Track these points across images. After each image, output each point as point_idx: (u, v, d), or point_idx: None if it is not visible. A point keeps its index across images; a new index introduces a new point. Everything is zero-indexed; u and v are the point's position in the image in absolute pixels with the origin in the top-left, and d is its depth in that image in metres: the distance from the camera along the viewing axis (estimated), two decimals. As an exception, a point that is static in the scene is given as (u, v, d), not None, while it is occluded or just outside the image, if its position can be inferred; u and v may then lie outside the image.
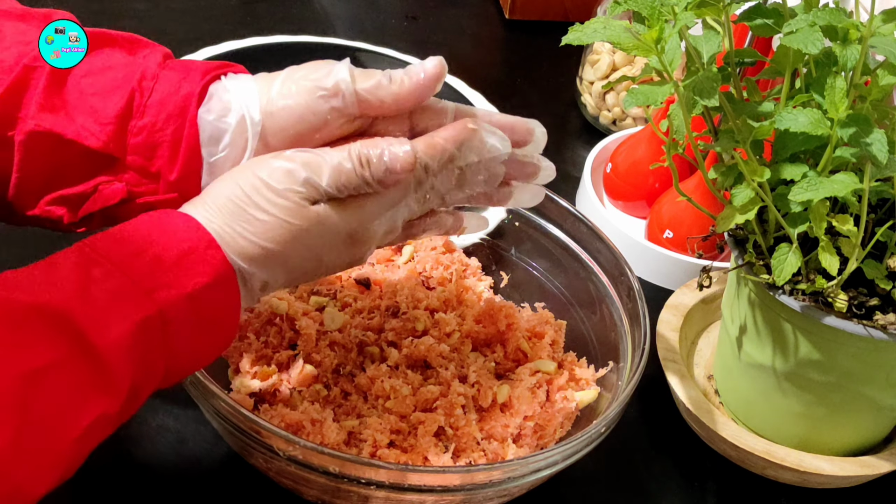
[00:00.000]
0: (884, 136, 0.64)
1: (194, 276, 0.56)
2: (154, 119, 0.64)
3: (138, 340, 0.53)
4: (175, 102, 0.64)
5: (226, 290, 0.58)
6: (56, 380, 0.50)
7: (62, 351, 0.51)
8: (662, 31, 0.64)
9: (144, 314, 0.54)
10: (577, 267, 0.83)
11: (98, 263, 0.54)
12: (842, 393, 0.74)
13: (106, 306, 0.53)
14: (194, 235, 0.57)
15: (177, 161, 0.64)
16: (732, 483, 0.81)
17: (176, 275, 0.55)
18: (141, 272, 0.55)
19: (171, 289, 0.55)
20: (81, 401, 0.51)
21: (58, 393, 0.50)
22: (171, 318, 0.55)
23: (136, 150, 0.64)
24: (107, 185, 0.65)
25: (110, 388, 0.52)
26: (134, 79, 0.64)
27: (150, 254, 0.55)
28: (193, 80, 0.65)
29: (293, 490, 0.71)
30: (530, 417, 0.76)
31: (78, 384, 0.51)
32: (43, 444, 0.50)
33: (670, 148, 0.72)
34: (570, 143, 1.16)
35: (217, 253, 0.57)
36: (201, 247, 0.57)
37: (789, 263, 0.68)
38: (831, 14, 0.67)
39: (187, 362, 0.58)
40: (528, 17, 1.31)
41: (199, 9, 1.26)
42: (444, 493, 0.65)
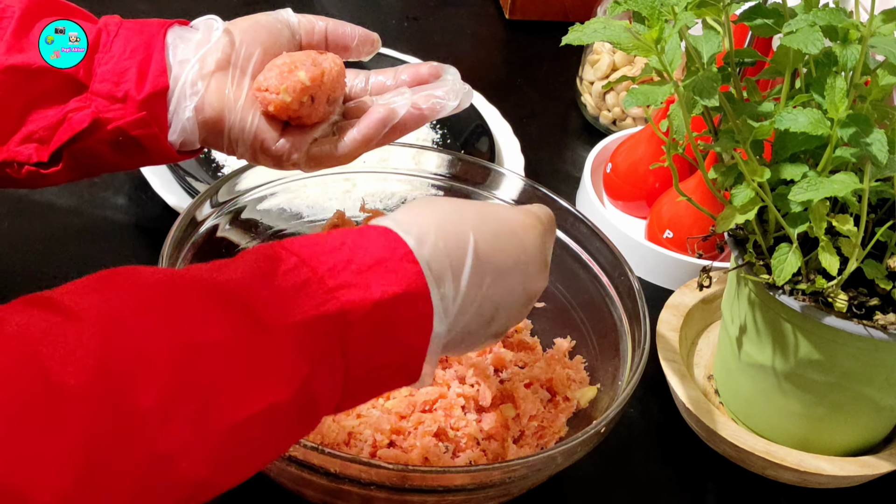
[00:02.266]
0: (884, 136, 0.64)
1: (384, 283, 0.53)
2: (121, 51, 0.69)
3: (315, 335, 0.50)
4: (140, 40, 0.69)
5: (416, 304, 0.55)
6: (222, 354, 0.47)
7: (234, 328, 0.48)
8: (662, 31, 0.64)
9: (325, 309, 0.51)
10: (577, 267, 0.83)
11: (287, 258, 0.52)
12: (842, 393, 0.74)
13: (287, 294, 0.50)
14: (391, 244, 0.55)
15: (144, 82, 0.68)
16: (732, 483, 0.81)
17: (365, 278, 0.53)
18: (328, 270, 0.52)
19: (357, 291, 0.52)
20: (249, 380, 0.48)
21: (222, 368, 0.47)
22: (353, 321, 0.52)
23: (104, 77, 0.68)
24: (75, 112, 0.68)
25: (282, 372, 0.49)
26: (98, 24, 0.70)
27: (341, 256, 0.53)
28: (155, 26, 0.71)
29: (295, 491, 0.71)
30: (534, 417, 0.76)
31: (246, 362, 0.48)
32: (197, 416, 0.45)
33: (670, 148, 0.72)
34: (570, 143, 1.16)
35: (412, 266, 0.54)
36: (396, 256, 0.54)
37: (789, 263, 0.68)
38: (831, 14, 0.67)
39: (369, 376, 0.54)
40: (528, 17, 1.31)
41: (200, 9, 1.25)
42: (444, 494, 0.65)
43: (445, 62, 0.73)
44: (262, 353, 0.49)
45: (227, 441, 0.47)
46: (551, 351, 0.82)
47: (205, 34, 0.71)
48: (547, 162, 1.11)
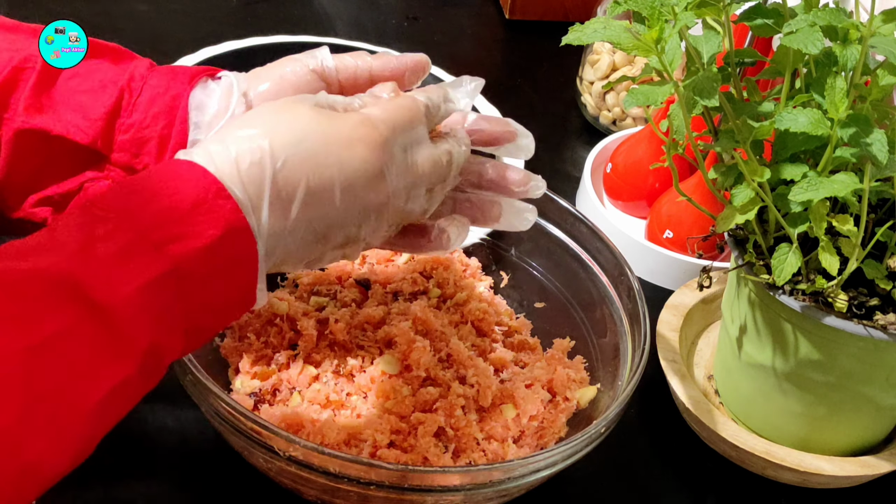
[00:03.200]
0: (884, 136, 0.64)
1: (206, 227, 0.53)
2: (142, 117, 0.64)
3: (152, 298, 0.50)
4: (164, 101, 0.65)
5: (241, 240, 0.55)
6: (64, 348, 0.47)
7: (68, 317, 0.48)
8: (662, 31, 0.64)
9: (158, 270, 0.50)
10: (577, 267, 0.83)
11: (103, 219, 0.51)
12: (842, 393, 0.74)
13: (113, 264, 0.50)
14: (201, 182, 0.54)
15: (164, 157, 0.64)
16: (732, 483, 0.81)
17: (188, 226, 0.52)
18: (150, 224, 0.51)
19: (184, 241, 0.52)
20: (94, 367, 0.48)
21: (67, 361, 0.47)
22: (187, 273, 0.52)
23: (123, 147, 0.64)
24: (92, 182, 0.65)
25: (125, 350, 0.49)
26: (123, 79, 0.65)
27: (158, 205, 0.52)
28: (181, 82, 0.65)
29: (293, 490, 0.71)
30: (534, 417, 0.76)
31: (88, 350, 0.48)
32: (55, 417, 0.46)
33: (670, 148, 0.72)
34: (570, 143, 1.16)
35: (227, 202, 0.54)
36: (210, 195, 0.54)
37: (789, 263, 0.68)
38: (831, 14, 0.67)
39: (209, 320, 0.55)
40: (528, 17, 1.32)
41: (200, 9, 1.27)
42: (444, 494, 0.65)
43: (445, 62, 0.73)
44: (102, 334, 0.49)
45: (85, 427, 0.48)
46: (551, 351, 0.82)
47: (223, 101, 0.66)
48: (547, 162, 1.11)
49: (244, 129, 0.57)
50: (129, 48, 0.69)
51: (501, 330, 0.84)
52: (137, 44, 1.16)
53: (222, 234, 0.53)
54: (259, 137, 0.56)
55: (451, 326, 0.81)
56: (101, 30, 1.17)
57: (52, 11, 1.18)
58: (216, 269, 0.53)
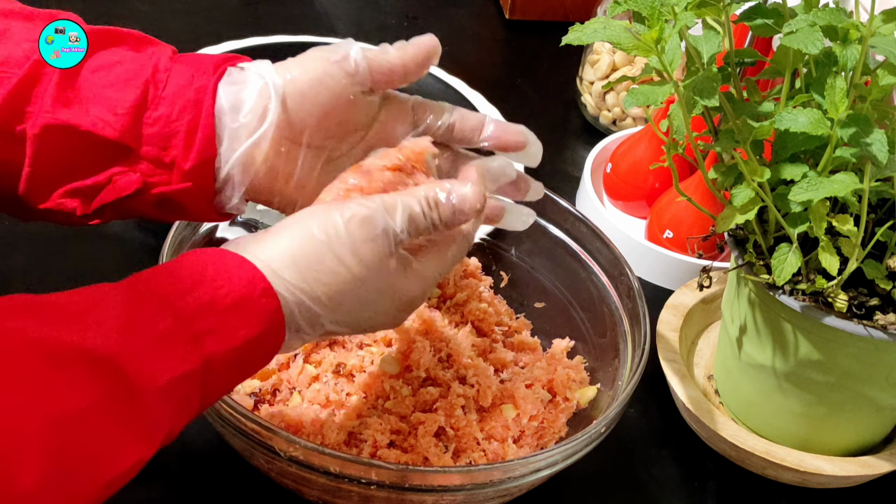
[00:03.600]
0: (884, 136, 0.64)
1: (244, 326, 0.54)
2: (169, 110, 0.64)
3: (180, 389, 0.52)
4: (189, 94, 0.64)
5: (273, 339, 0.57)
6: (94, 423, 0.48)
7: (101, 395, 0.49)
8: (662, 31, 0.64)
9: (190, 366, 0.52)
10: (577, 267, 0.83)
11: (147, 300, 0.52)
12: (842, 393, 0.74)
13: (153, 350, 0.51)
14: (249, 281, 0.55)
15: (191, 150, 0.64)
16: (732, 483, 0.81)
17: (227, 320, 0.54)
18: (191, 314, 0.53)
19: (219, 337, 0.53)
20: (118, 446, 0.50)
21: (94, 437, 0.48)
22: (214, 368, 0.54)
23: (151, 141, 0.64)
24: (121, 175, 0.65)
25: (148, 435, 0.51)
26: (147, 71, 0.65)
27: (202, 295, 0.54)
28: (206, 72, 0.65)
29: (294, 490, 0.71)
30: (534, 417, 0.76)
31: (116, 428, 0.49)
32: (72, 486, 0.48)
33: (670, 148, 0.72)
34: (570, 143, 1.16)
35: (271, 302, 0.56)
36: (255, 294, 0.55)
37: (789, 263, 0.68)
38: (831, 14, 0.67)
39: (220, 397, 0.58)
40: (528, 17, 1.32)
41: (201, 9, 1.27)
42: (444, 493, 0.65)
43: (445, 62, 0.73)
44: (130, 416, 0.50)
45: (95, 497, 0.49)
46: (551, 351, 0.82)
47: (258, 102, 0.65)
48: (547, 162, 1.10)
49: (311, 273, 0.58)
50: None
51: (501, 330, 0.84)
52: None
53: (259, 334, 0.55)
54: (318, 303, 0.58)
55: (451, 326, 0.81)
56: (101, 30, 1.17)
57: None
58: (243, 363, 0.56)
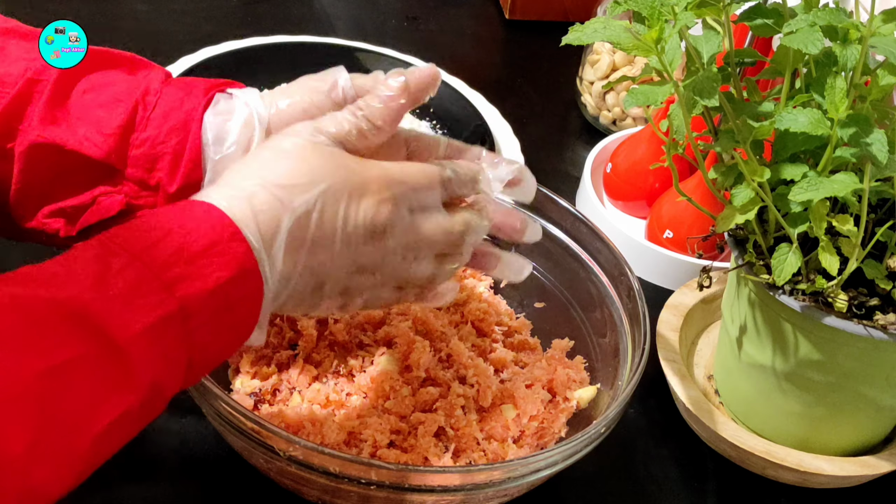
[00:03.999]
0: (884, 136, 0.64)
1: (217, 269, 0.54)
2: (156, 132, 0.64)
3: (159, 336, 0.52)
4: (178, 117, 0.65)
5: (249, 282, 0.56)
6: (76, 376, 0.49)
7: (82, 347, 0.49)
8: (662, 31, 0.64)
9: (165, 310, 0.52)
10: (577, 267, 0.83)
11: (117, 254, 0.52)
12: (842, 393, 0.74)
13: (126, 300, 0.51)
14: (217, 224, 0.55)
15: (177, 173, 0.64)
16: (732, 483, 0.81)
17: (198, 267, 0.54)
18: (162, 264, 0.53)
19: (193, 282, 0.53)
20: (102, 397, 0.50)
21: (78, 389, 0.49)
22: (193, 312, 0.53)
23: (137, 162, 0.64)
24: (105, 196, 0.65)
25: (131, 383, 0.51)
26: (137, 93, 0.65)
27: (171, 244, 0.54)
28: (196, 96, 0.65)
29: (294, 490, 0.71)
30: (534, 417, 0.76)
31: (98, 380, 0.50)
32: (62, 443, 0.48)
33: (670, 148, 0.72)
34: (570, 143, 1.16)
35: (241, 245, 0.56)
36: (224, 238, 0.55)
37: (789, 263, 0.68)
38: (831, 14, 0.67)
39: (210, 355, 0.57)
40: (528, 17, 1.31)
41: (200, 9, 1.26)
42: (444, 493, 0.65)
43: (445, 62, 0.73)
44: (111, 366, 0.50)
45: (87, 454, 0.50)
46: (551, 351, 0.82)
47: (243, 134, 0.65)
48: (547, 162, 1.11)
49: (263, 173, 0.58)
50: (128, 48, 0.69)
51: (501, 330, 0.84)
52: (137, 44, 1.16)
53: (232, 277, 0.55)
54: (277, 187, 0.58)
55: (451, 326, 0.81)
56: (101, 30, 1.17)
57: (52, 11, 1.18)
58: (221, 309, 0.55)
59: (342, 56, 1.09)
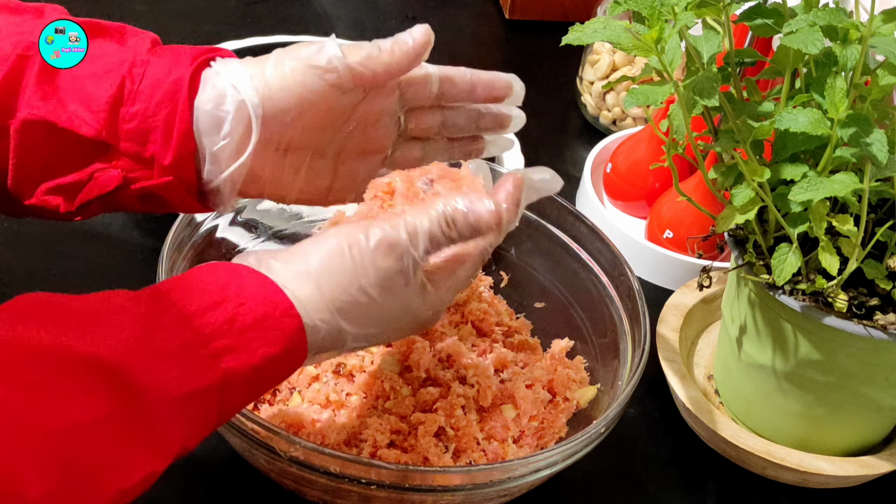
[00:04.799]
0: (884, 136, 0.64)
1: (265, 344, 0.54)
2: (146, 105, 0.64)
3: (194, 405, 0.52)
4: (165, 88, 0.64)
5: (293, 358, 0.56)
6: (104, 435, 0.48)
7: (114, 406, 0.48)
8: (662, 31, 0.64)
9: (207, 382, 0.52)
10: (577, 267, 0.83)
11: (166, 314, 0.52)
12: (842, 393, 0.74)
13: (168, 364, 0.51)
14: (271, 300, 0.55)
15: (170, 146, 0.64)
16: (732, 483, 0.81)
17: (247, 339, 0.53)
18: (211, 332, 0.53)
19: (239, 356, 0.53)
20: (128, 459, 0.49)
21: (103, 449, 0.48)
22: (233, 384, 0.53)
23: (130, 137, 0.64)
24: (102, 172, 0.65)
25: (160, 448, 0.51)
26: (124, 66, 0.64)
27: (222, 312, 0.53)
28: (183, 65, 0.65)
29: (295, 491, 0.71)
30: (534, 417, 0.76)
31: (126, 441, 0.49)
32: (82, 497, 0.47)
33: (670, 148, 0.72)
34: (570, 143, 1.16)
35: (293, 321, 0.55)
36: (277, 313, 0.55)
37: (789, 263, 0.68)
38: (831, 14, 0.67)
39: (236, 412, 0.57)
40: (528, 17, 1.31)
41: (200, 9, 1.26)
42: (444, 493, 0.65)
43: (445, 62, 0.73)
44: (143, 429, 0.50)
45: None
46: (551, 351, 0.82)
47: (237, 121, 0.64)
48: (547, 162, 1.10)
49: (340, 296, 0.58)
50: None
51: (501, 330, 0.84)
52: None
53: (279, 353, 0.55)
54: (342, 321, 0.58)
55: (451, 327, 0.81)
56: (101, 30, 1.17)
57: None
58: (260, 382, 0.55)
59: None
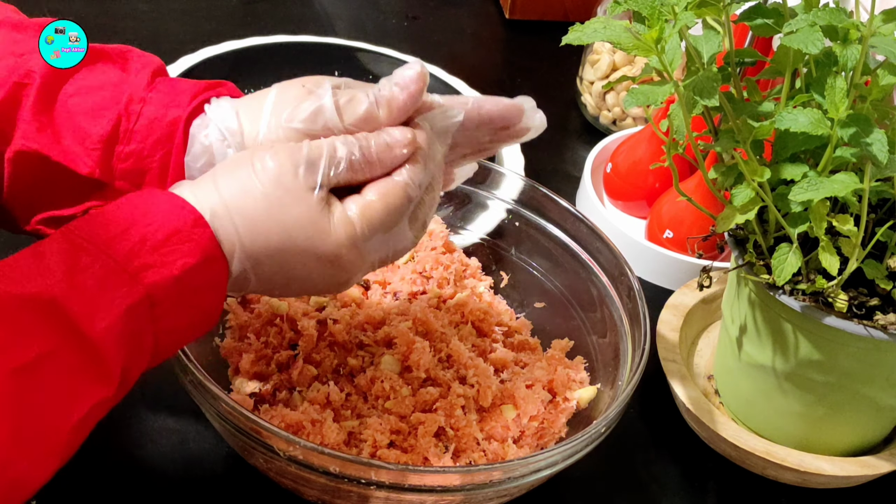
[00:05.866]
0: (884, 136, 0.64)
1: (181, 255, 0.55)
2: (141, 145, 0.64)
3: (128, 325, 0.53)
4: (162, 128, 0.64)
5: (213, 269, 0.57)
6: (50, 371, 0.50)
7: (54, 341, 0.50)
8: (662, 31, 0.64)
9: (133, 299, 0.53)
10: (577, 267, 0.83)
11: (84, 249, 0.53)
12: (842, 393, 0.74)
13: (95, 293, 0.52)
14: (180, 213, 0.56)
15: (165, 186, 0.64)
16: (732, 483, 0.81)
17: (162, 255, 0.55)
18: (127, 254, 0.54)
19: (158, 270, 0.54)
20: (77, 389, 0.51)
21: (53, 384, 0.50)
22: (159, 299, 0.55)
23: (124, 176, 0.65)
24: (96, 209, 0.64)
25: (104, 374, 0.52)
26: (122, 101, 0.64)
27: (135, 234, 0.55)
28: (181, 105, 0.64)
29: (293, 490, 0.71)
30: (534, 417, 0.76)
31: (72, 373, 0.51)
32: (41, 435, 0.50)
33: (670, 148, 0.72)
34: (570, 143, 1.16)
35: (204, 231, 0.56)
36: (188, 225, 0.56)
37: (789, 263, 0.68)
38: (831, 14, 0.67)
39: (175, 340, 0.58)
40: (528, 17, 1.31)
41: (200, 9, 1.26)
42: (443, 494, 0.65)
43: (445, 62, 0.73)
44: (84, 359, 0.52)
45: (65, 444, 0.51)
46: (551, 351, 0.82)
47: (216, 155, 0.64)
48: (547, 162, 1.11)
49: (231, 196, 0.58)
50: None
51: (501, 330, 0.84)
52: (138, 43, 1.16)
53: (197, 263, 0.56)
54: (241, 219, 0.58)
55: (451, 327, 0.81)
56: (102, 29, 1.17)
57: (52, 11, 1.18)
58: (187, 294, 0.56)
59: (342, 56, 1.09)
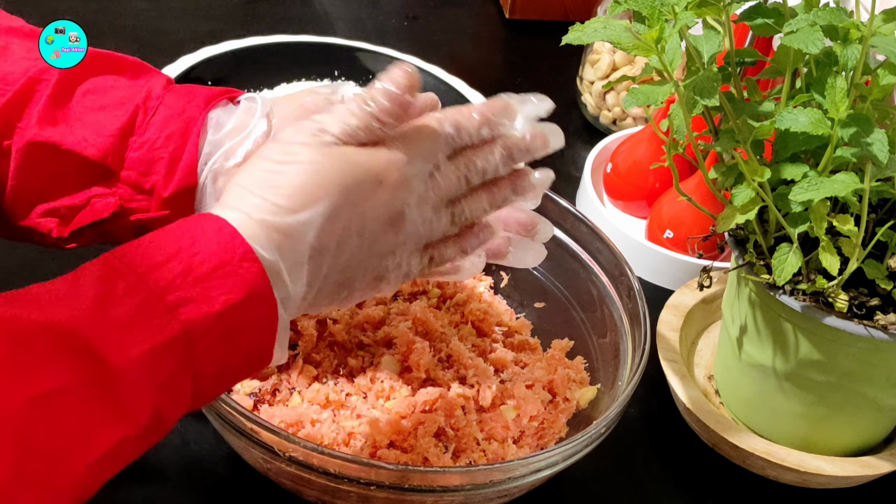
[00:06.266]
0: (884, 136, 0.64)
1: (224, 291, 0.51)
2: (155, 137, 0.64)
3: (160, 361, 0.49)
4: (178, 123, 0.64)
5: (260, 307, 0.53)
6: (63, 404, 0.46)
7: (73, 374, 0.47)
8: (663, 31, 0.64)
9: (167, 335, 0.49)
10: (577, 267, 0.83)
11: (123, 274, 0.50)
12: (842, 393, 0.74)
13: (126, 324, 0.49)
14: (228, 244, 0.52)
15: (172, 178, 0.63)
16: (732, 483, 0.81)
17: (205, 289, 0.51)
18: (167, 285, 0.50)
19: (199, 305, 0.50)
20: (93, 425, 0.47)
21: (64, 419, 0.46)
22: (197, 337, 0.51)
23: (133, 165, 0.64)
24: (99, 198, 0.64)
25: (125, 411, 0.49)
26: (139, 97, 0.64)
27: (178, 264, 0.51)
28: (197, 105, 0.64)
29: (293, 490, 0.70)
30: (534, 417, 0.76)
31: (90, 409, 0.47)
32: (49, 471, 0.46)
33: (670, 148, 0.72)
34: (570, 143, 1.15)
35: (252, 266, 0.52)
36: (235, 259, 0.52)
37: (790, 263, 0.68)
38: (832, 14, 0.67)
39: (218, 382, 0.54)
40: (528, 16, 1.31)
41: (200, 8, 1.26)
42: (443, 494, 0.65)
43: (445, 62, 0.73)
44: (108, 393, 0.48)
45: (77, 485, 0.47)
46: (551, 351, 0.82)
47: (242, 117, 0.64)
48: (547, 162, 1.10)
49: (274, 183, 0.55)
50: (128, 47, 0.69)
51: (501, 330, 0.84)
52: (137, 42, 1.16)
53: (242, 300, 0.52)
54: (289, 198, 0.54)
55: (451, 327, 0.81)
56: (102, 28, 1.17)
57: (52, 10, 1.18)
58: (230, 332, 0.52)
59: (342, 56, 1.09)
